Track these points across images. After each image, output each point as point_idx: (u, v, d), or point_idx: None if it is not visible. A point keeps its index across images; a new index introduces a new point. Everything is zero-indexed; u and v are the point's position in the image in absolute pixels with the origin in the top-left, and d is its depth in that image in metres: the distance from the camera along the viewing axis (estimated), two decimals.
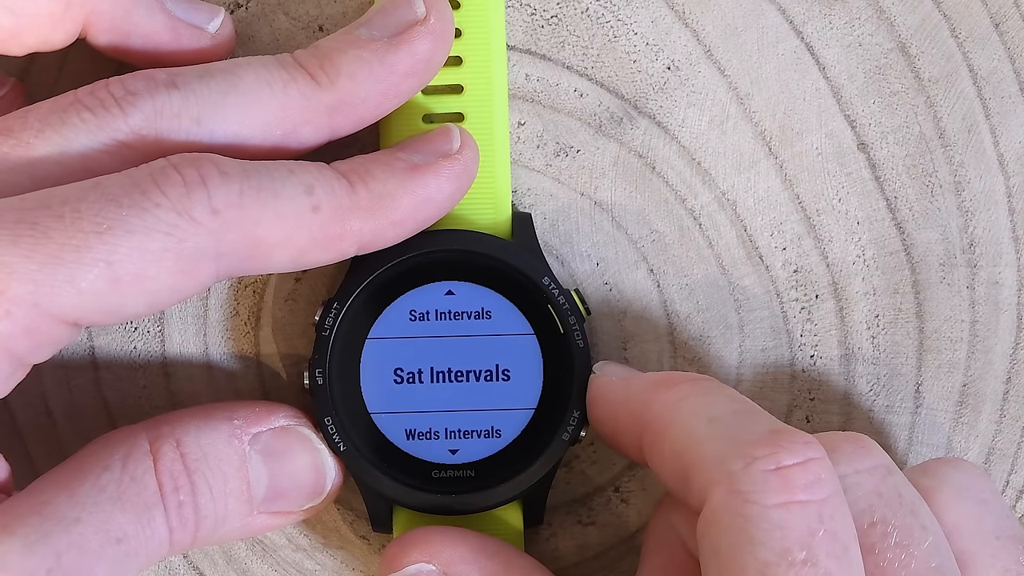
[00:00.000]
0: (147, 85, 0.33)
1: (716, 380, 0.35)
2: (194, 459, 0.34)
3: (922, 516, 0.33)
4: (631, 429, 0.35)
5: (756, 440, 0.31)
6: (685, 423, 0.33)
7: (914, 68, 0.39)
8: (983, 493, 0.35)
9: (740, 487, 0.30)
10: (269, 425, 0.36)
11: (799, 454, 0.31)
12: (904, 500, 0.33)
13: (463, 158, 0.35)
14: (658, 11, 0.39)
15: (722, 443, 0.32)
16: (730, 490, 0.31)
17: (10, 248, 0.31)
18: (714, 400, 0.34)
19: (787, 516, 0.30)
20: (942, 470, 0.35)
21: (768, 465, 0.31)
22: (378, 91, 0.34)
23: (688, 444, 0.32)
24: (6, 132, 0.33)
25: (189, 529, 0.34)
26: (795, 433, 0.31)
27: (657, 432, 0.34)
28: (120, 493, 0.33)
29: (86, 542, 0.32)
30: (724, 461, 0.31)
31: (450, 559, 0.35)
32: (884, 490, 0.33)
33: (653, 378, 0.36)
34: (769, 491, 0.30)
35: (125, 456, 0.34)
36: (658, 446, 0.33)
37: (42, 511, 0.32)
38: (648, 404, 0.34)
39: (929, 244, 0.39)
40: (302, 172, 0.33)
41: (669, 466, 0.33)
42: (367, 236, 0.34)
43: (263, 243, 0.33)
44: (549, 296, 0.37)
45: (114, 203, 0.31)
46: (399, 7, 0.35)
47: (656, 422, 0.34)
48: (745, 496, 0.30)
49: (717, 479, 0.31)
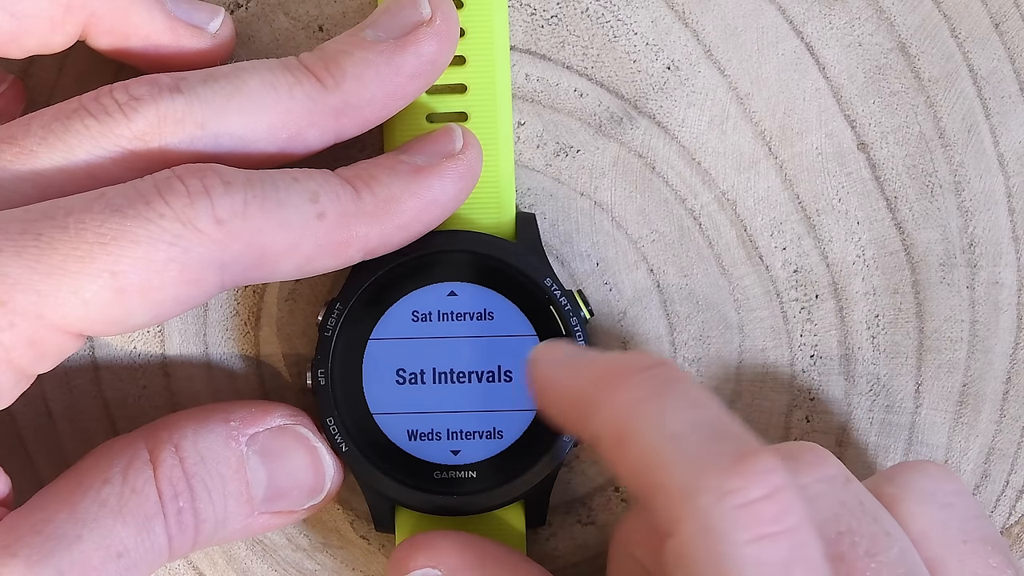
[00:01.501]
0: (151, 90, 0.33)
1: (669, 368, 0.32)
2: (192, 463, 0.34)
3: (885, 523, 0.32)
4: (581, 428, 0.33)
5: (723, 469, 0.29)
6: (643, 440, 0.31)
7: (914, 68, 0.39)
8: (947, 496, 0.34)
9: (712, 523, 0.29)
10: (266, 425, 0.36)
11: (767, 484, 0.29)
12: (866, 508, 0.32)
13: (466, 158, 0.35)
14: (658, 11, 0.39)
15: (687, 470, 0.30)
16: (701, 527, 0.29)
17: (14, 259, 0.30)
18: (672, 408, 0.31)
19: (762, 550, 0.29)
20: (905, 476, 0.35)
21: (738, 500, 0.29)
22: (384, 93, 0.34)
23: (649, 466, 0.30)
24: (9, 140, 0.33)
25: (188, 535, 0.34)
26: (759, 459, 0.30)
27: (611, 443, 0.31)
28: (121, 506, 0.33)
29: (88, 559, 0.32)
30: (692, 493, 0.29)
31: (456, 565, 0.35)
32: (846, 499, 0.32)
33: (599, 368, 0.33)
34: (741, 528, 0.29)
35: (126, 467, 0.34)
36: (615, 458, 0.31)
37: (44, 530, 0.32)
38: (598, 406, 0.32)
39: (929, 244, 0.39)
40: (306, 179, 0.33)
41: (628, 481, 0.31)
42: (373, 241, 0.34)
43: (268, 252, 0.32)
44: (551, 297, 0.37)
45: (118, 214, 0.31)
46: (404, 8, 0.35)
47: (609, 431, 0.31)
48: (718, 534, 0.29)
49: (685, 513, 0.29)
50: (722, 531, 0.29)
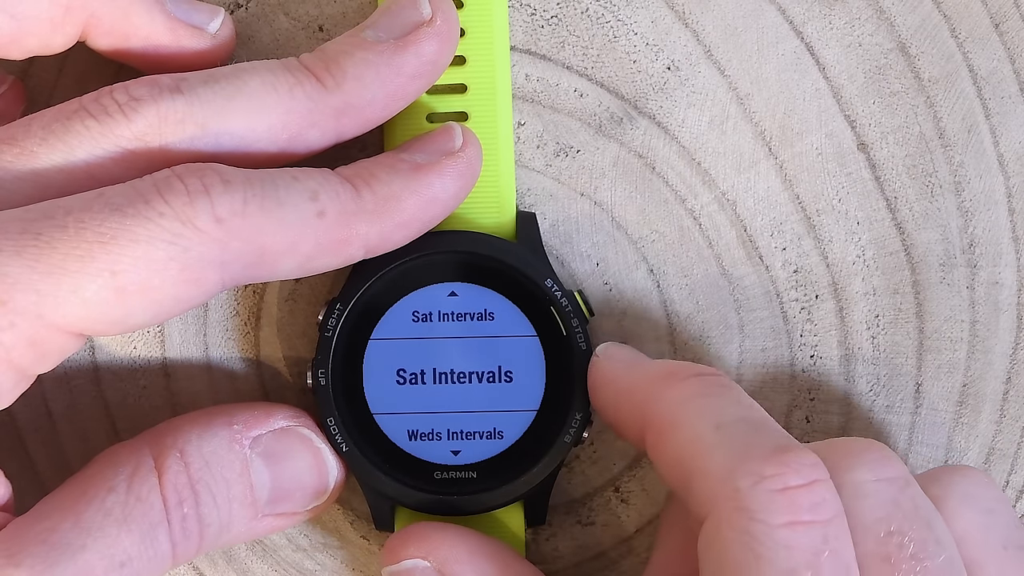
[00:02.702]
0: (151, 91, 0.33)
1: (723, 377, 0.35)
2: (197, 468, 0.34)
3: (937, 530, 0.32)
4: (633, 420, 0.35)
5: (763, 457, 0.31)
6: (691, 427, 0.33)
7: (914, 68, 0.39)
8: (990, 502, 0.34)
9: (746, 504, 0.30)
10: (269, 427, 0.36)
11: (805, 475, 0.31)
12: (920, 512, 0.32)
13: (466, 155, 0.35)
14: (658, 11, 0.39)
15: (728, 456, 0.31)
16: (736, 507, 0.30)
17: (13, 259, 0.30)
18: (721, 404, 0.33)
19: (793, 536, 0.30)
20: (950, 478, 0.35)
21: (775, 485, 0.30)
22: (385, 93, 0.34)
23: (693, 451, 0.32)
24: (10, 141, 0.33)
25: (193, 541, 0.34)
26: (801, 452, 0.31)
27: (660, 431, 0.33)
28: (126, 515, 0.33)
29: (92, 569, 0.32)
30: (731, 476, 0.31)
31: (446, 557, 0.35)
32: (902, 500, 0.32)
33: (658, 369, 0.35)
34: (775, 511, 0.30)
35: (131, 475, 0.34)
36: (661, 446, 0.33)
37: (48, 539, 0.32)
38: (653, 399, 0.34)
39: (929, 244, 0.39)
40: (306, 178, 0.33)
41: (671, 468, 0.33)
42: (374, 239, 0.34)
43: (268, 250, 0.32)
44: (551, 298, 0.37)
45: (118, 213, 0.31)
46: (405, 8, 0.35)
47: (660, 420, 0.33)
48: (751, 514, 0.30)
49: (723, 494, 0.31)
50: (756, 511, 0.30)
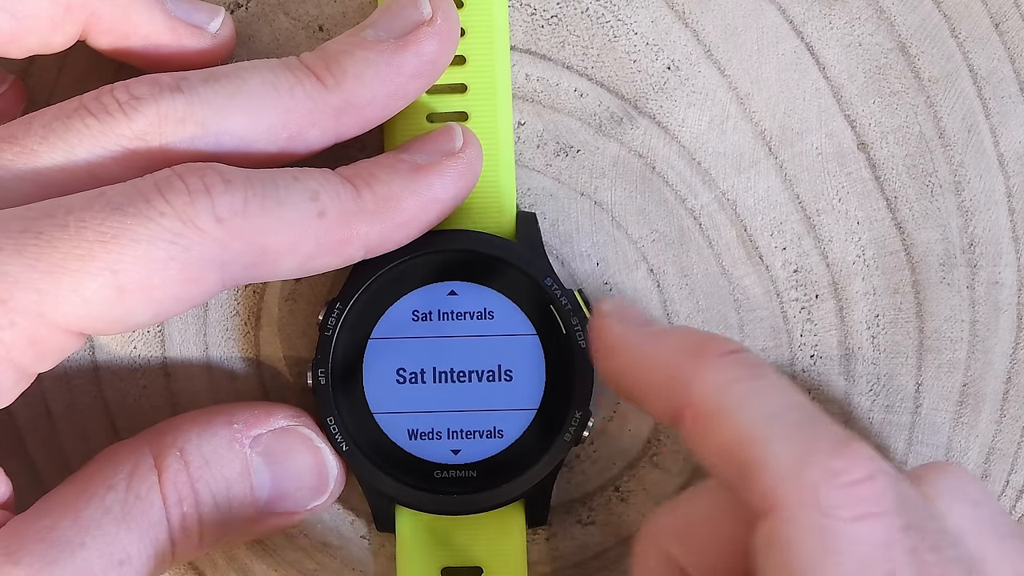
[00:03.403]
0: (151, 90, 0.33)
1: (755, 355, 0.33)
2: (197, 467, 0.34)
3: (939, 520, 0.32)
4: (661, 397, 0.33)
5: (830, 450, 0.30)
6: (742, 416, 0.31)
7: (914, 68, 0.39)
8: (975, 495, 0.34)
9: (820, 500, 0.30)
10: (269, 427, 0.36)
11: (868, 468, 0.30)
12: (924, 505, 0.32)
13: (466, 156, 0.35)
14: (658, 11, 0.39)
15: (791, 448, 0.31)
16: (808, 502, 0.30)
17: (14, 258, 0.30)
18: (768, 390, 0.32)
19: (864, 529, 0.30)
20: (932, 476, 0.35)
21: (845, 479, 0.30)
22: (385, 92, 0.34)
23: (749, 440, 0.31)
24: (10, 139, 0.33)
25: (193, 539, 0.34)
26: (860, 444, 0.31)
27: (705, 417, 0.32)
28: (125, 513, 0.33)
29: (91, 567, 0.32)
30: (799, 470, 0.30)
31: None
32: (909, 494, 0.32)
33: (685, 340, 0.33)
34: (847, 505, 0.30)
35: (130, 473, 0.34)
36: (705, 433, 0.32)
37: (47, 537, 0.32)
38: (688, 379, 0.32)
39: (929, 244, 0.39)
40: (306, 178, 0.33)
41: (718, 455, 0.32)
42: (374, 239, 0.34)
43: (269, 250, 0.32)
44: (551, 296, 0.37)
45: (119, 212, 0.31)
46: (405, 8, 0.35)
47: (703, 405, 0.32)
48: (825, 510, 0.30)
49: (792, 489, 0.30)
50: (829, 507, 0.30)
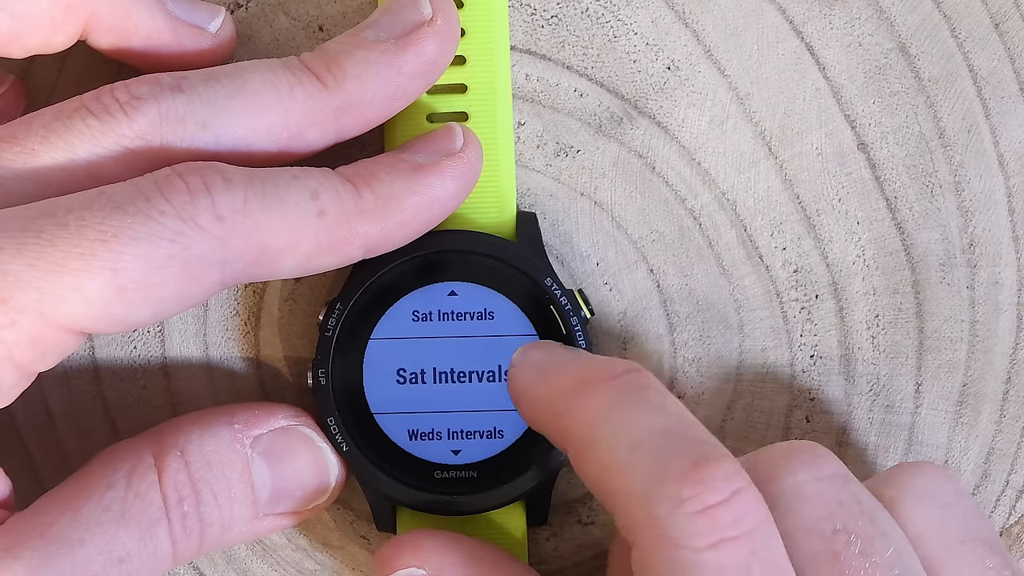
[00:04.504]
0: (152, 89, 0.33)
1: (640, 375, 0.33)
2: (198, 467, 0.34)
3: (882, 523, 0.32)
4: (555, 434, 0.33)
5: (679, 477, 0.30)
6: (605, 449, 0.31)
7: (914, 68, 0.39)
8: (947, 496, 0.34)
9: (668, 532, 0.29)
10: (270, 427, 0.36)
11: (724, 490, 0.30)
12: (863, 508, 0.32)
13: (467, 156, 0.35)
14: (658, 11, 0.39)
15: (645, 478, 0.30)
16: (658, 535, 0.30)
17: (14, 257, 0.30)
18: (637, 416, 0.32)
19: (720, 556, 0.29)
20: (903, 477, 0.35)
21: (694, 507, 0.29)
22: (385, 92, 0.34)
23: (611, 474, 0.31)
24: (10, 139, 0.33)
25: (194, 539, 0.34)
26: (717, 464, 0.30)
27: (579, 450, 0.32)
28: (124, 511, 0.33)
29: (89, 564, 0.32)
30: (648, 502, 0.30)
31: (440, 564, 0.35)
32: (844, 498, 0.32)
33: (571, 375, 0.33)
34: (698, 534, 0.29)
35: (129, 472, 0.34)
36: (582, 465, 0.32)
37: (46, 533, 0.32)
38: (567, 415, 0.33)
39: (929, 244, 0.39)
40: (306, 177, 0.33)
41: (595, 486, 0.32)
42: (374, 239, 0.34)
43: (269, 249, 0.32)
44: (551, 297, 0.37)
45: (119, 211, 0.31)
46: (405, 8, 0.35)
47: (576, 440, 0.32)
48: (675, 542, 0.29)
49: (643, 522, 0.30)
50: (679, 539, 0.29)
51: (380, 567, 0.36)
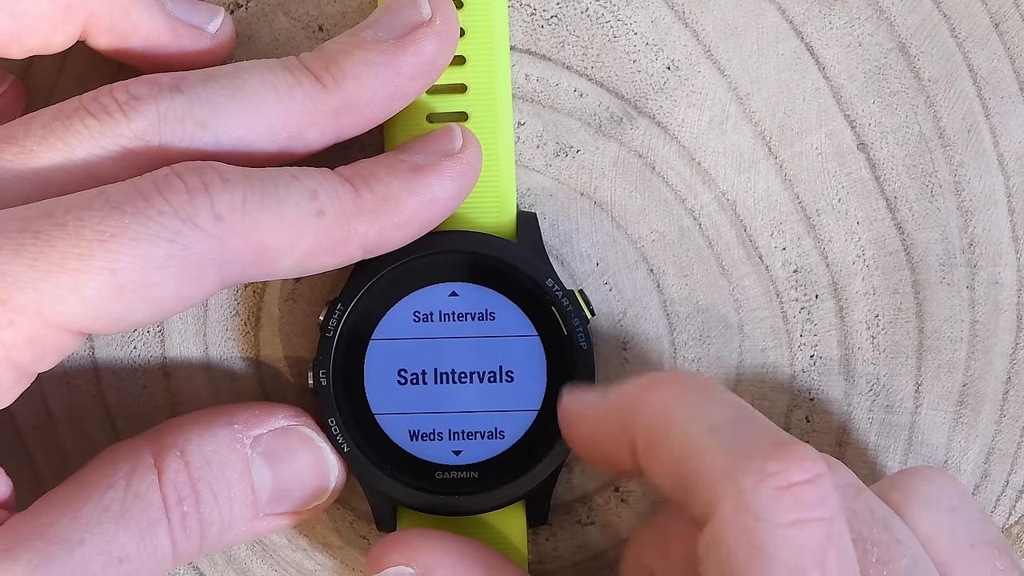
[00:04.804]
0: (151, 90, 0.33)
1: (703, 377, 0.34)
2: (198, 467, 0.34)
3: (897, 531, 0.32)
4: (620, 439, 0.33)
5: (765, 454, 0.30)
6: (684, 429, 0.32)
7: (914, 68, 0.39)
8: (953, 501, 0.34)
9: (751, 504, 0.30)
10: (270, 427, 0.36)
11: (808, 470, 0.30)
12: (877, 516, 0.32)
13: (466, 157, 0.35)
14: (658, 11, 0.39)
15: (727, 455, 0.31)
16: (740, 507, 0.30)
17: (12, 257, 0.30)
18: (710, 403, 0.32)
19: (799, 534, 0.29)
20: (909, 482, 0.35)
21: (779, 482, 0.30)
22: (384, 93, 0.34)
23: (690, 452, 0.31)
24: (9, 140, 0.33)
25: (194, 539, 0.34)
26: (800, 446, 0.31)
27: (653, 436, 0.32)
28: (124, 512, 0.33)
29: (89, 565, 0.32)
30: (732, 476, 0.30)
31: (429, 563, 0.35)
32: (857, 507, 0.32)
33: (636, 382, 0.34)
34: (780, 509, 0.30)
35: (129, 472, 0.34)
36: (654, 451, 0.32)
37: (45, 534, 0.32)
38: (638, 408, 0.33)
39: (929, 244, 0.39)
40: (305, 177, 0.33)
41: (668, 472, 0.32)
42: (373, 239, 0.34)
43: (267, 249, 0.32)
44: (552, 297, 0.37)
45: (118, 211, 0.31)
46: (405, 8, 0.35)
47: (650, 426, 0.32)
48: (756, 514, 0.30)
49: (725, 495, 0.30)
50: (761, 511, 0.30)
51: (370, 565, 0.36)
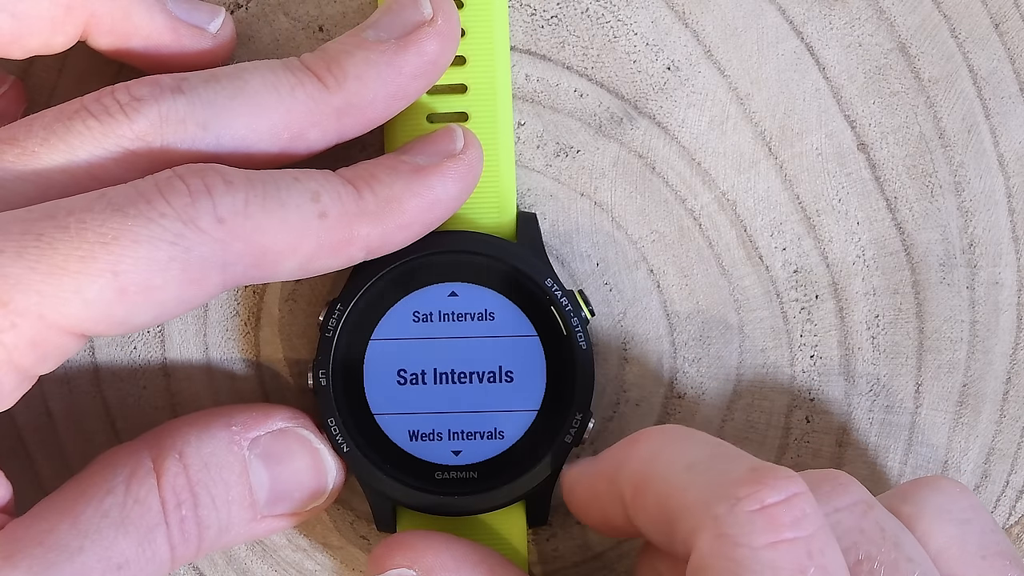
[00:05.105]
0: (152, 91, 0.33)
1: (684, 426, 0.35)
2: (196, 470, 0.34)
3: (907, 548, 0.32)
4: (612, 496, 0.34)
5: (738, 480, 0.31)
6: (664, 473, 0.32)
7: (914, 68, 0.39)
8: (965, 512, 0.35)
9: (727, 530, 0.30)
10: (267, 428, 0.36)
11: (782, 490, 0.30)
12: (887, 534, 0.32)
13: (467, 158, 0.35)
14: (658, 11, 0.39)
15: (704, 487, 0.31)
16: (717, 534, 0.30)
17: (15, 260, 0.30)
18: (689, 446, 0.33)
19: (776, 556, 0.29)
20: (921, 493, 0.35)
21: (752, 505, 0.30)
22: (386, 93, 0.34)
23: (669, 492, 0.32)
24: (11, 141, 0.33)
25: (192, 543, 0.34)
26: (776, 469, 0.31)
27: (637, 488, 0.33)
28: (123, 517, 0.33)
29: (88, 571, 0.32)
30: (708, 505, 0.30)
31: (432, 565, 0.35)
32: (866, 526, 0.32)
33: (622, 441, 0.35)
34: (756, 532, 0.30)
35: (129, 477, 0.34)
36: (641, 500, 0.33)
37: (45, 541, 0.32)
38: (624, 464, 0.34)
39: (929, 244, 0.39)
40: (307, 179, 0.33)
41: (654, 519, 0.32)
42: (375, 241, 0.34)
43: (269, 251, 0.32)
44: (552, 297, 0.37)
45: (120, 213, 0.31)
46: (406, 8, 0.35)
47: (635, 478, 0.33)
48: (733, 539, 0.30)
49: (702, 524, 0.30)
50: (738, 536, 0.30)
51: (372, 567, 0.36)
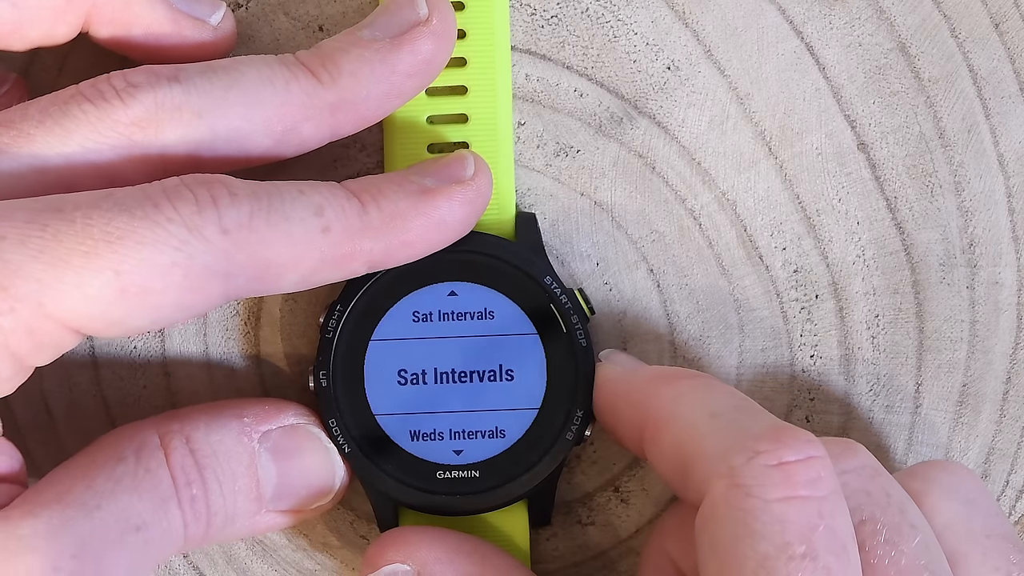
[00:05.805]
0: (149, 78, 0.33)
1: (717, 378, 0.36)
2: (204, 456, 0.34)
3: (910, 515, 0.33)
4: (632, 420, 0.35)
5: (758, 435, 0.31)
6: (686, 416, 0.33)
7: (914, 68, 0.39)
8: (971, 493, 0.35)
9: (741, 481, 0.31)
10: (279, 423, 0.36)
11: (801, 451, 0.31)
12: (892, 499, 0.33)
13: (476, 184, 0.35)
14: (658, 11, 0.39)
15: (724, 437, 0.32)
16: (731, 483, 0.31)
17: (17, 247, 0.30)
18: (716, 395, 0.34)
19: (788, 510, 0.30)
20: (931, 473, 0.35)
21: (770, 460, 0.31)
22: (380, 90, 0.34)
23: (689, 437, 0.33)
24: (7, 124, 0.33)
25: (202, 524, 0.34)
26: (797, 430, 0.32)
27: (658, 424, 0.34)
28: (136, 484, 0.33)
29: (107, 528, 0.32)
30: (726, 455, 0.31)
31: (425, 559, 0.35)
32: (872, 489, 0.33)
33: (655, 371, 0.36)
34: (770, 485, 0.30)
35: (138, 449, 0.34)
36: (658, 438, 0.34)
37: (62, 499, 0.32)
38: (650, 396, 0.35)
39: (929, 244, 0.39)
40: (312, 192, 0.33)
41: (668, 459, 0.33)
42: (378, 256, 0.34)
43: (272, 264, 0.32)
44: (552, 296, 0.37)
45: (126, 213, 0.31)
46: (401, 8, 0.35)
47: (657, 414, 0.34)
48: (746, 490, 0.30)
49: (718, 472, 0.31)
50: (751, 487, 0.31)
51: (367, 563, 0.36)
